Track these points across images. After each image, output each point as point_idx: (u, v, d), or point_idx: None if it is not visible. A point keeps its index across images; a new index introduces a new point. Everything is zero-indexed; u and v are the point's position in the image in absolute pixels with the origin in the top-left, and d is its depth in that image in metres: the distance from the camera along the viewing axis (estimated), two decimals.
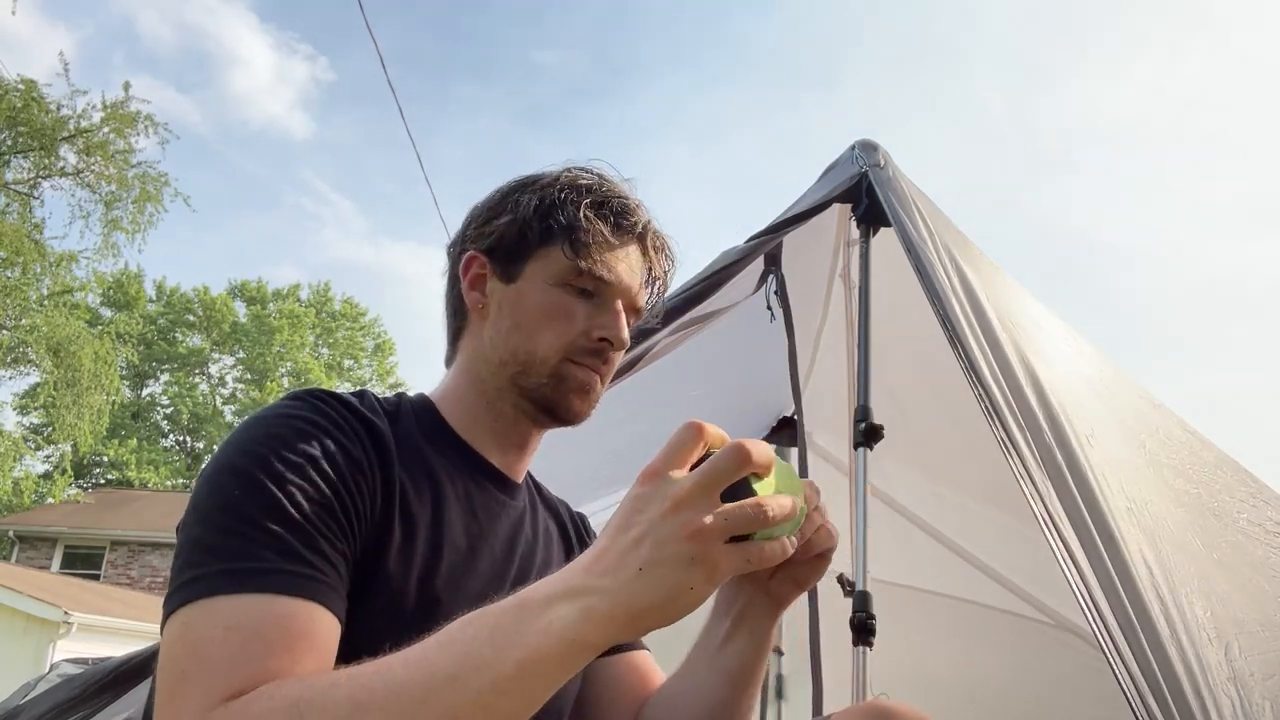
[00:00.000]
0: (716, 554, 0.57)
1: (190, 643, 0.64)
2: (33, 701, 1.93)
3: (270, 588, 0.66)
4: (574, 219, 0.91)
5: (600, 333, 0.92)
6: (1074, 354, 1.81)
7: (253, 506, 0.70)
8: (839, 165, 2.00)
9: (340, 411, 0.82)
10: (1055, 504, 1.20)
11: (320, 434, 0.77)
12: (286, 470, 0.72)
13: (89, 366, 15.72)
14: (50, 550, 18.04)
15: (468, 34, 40.75)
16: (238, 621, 0.64)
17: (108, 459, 26.11)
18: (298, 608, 0.66)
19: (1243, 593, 1.28)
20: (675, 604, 0.57)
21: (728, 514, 0.57)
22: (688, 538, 0.56)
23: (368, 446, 0.81)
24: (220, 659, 0.62)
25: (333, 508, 0.74)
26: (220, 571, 0.66)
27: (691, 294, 1.92)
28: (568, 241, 0.90)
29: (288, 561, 0.68)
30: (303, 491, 0.72)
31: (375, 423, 0.84)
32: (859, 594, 1.75)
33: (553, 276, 0.92)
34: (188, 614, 0.65)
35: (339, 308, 30.75)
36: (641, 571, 0.57)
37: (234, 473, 0.72)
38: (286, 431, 0.76)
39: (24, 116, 14.38)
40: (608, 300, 0.93)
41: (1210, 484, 1.61)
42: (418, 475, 0.85)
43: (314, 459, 0.75)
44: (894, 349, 2.12)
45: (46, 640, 10.35)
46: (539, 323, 0.91)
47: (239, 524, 0.69)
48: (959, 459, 2.54)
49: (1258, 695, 1.04)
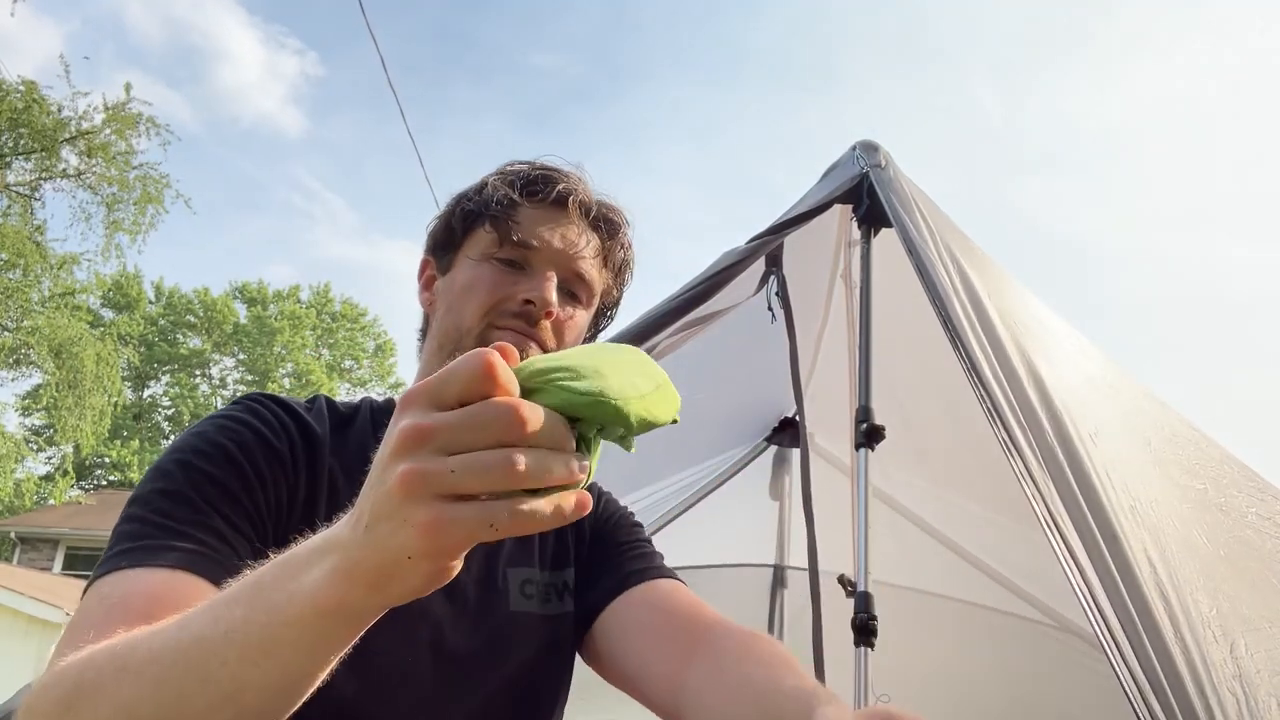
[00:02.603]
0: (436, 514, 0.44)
1: (76, 614, 0.68)
2: None
3: (146, 561, 0.69)
4: (489, 196, 0.93)
5: (524, 294, 0.89)
6: (1077, 353, 1.80)
7: (156, 493, 0.74)
8: (840, 166, 2.00)
9: (273, 410, 0.85)
10: (1057, 504, 1.20)
11: (242, 428, 0.81)
12: (194, 458, 0.77)
13: (91, 368, 15.74)
14: (52, 552, 18.05)
15: (465, 35, 40.81)
16: (109, 591, 0.67)
17: (109, 460, 26.14)
18: (169, 578, 0.68)
19: (1251, 589, 1.27)
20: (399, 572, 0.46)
21: (457, 464, 0.43)
22: (396, 488, 0.44)
23: (296, 442, 0.84)
24: (86, 625, 0.64)
25: (234, 491, 0.77)
26: (115, 554, 0.71)
27: (693, 295, 1.91)
28: (487, 218, 0.93)
29: (170, 538, 0.71)
30: (206, 475, 0.76)
31: (309, 424, 0.87)
32: (860, 595, 1.75)
33: (477, 253, 0.93)
34: (89, 590, 0.70)
35: (339, 308, 30.77)
36: (367, 527, 0.46)
37: (158, 468, 0.78)
38: (210, 428, 0.81)
39: (25, 118, 14.40)
40: (538, 269, 0.92)
41: (1217, 480, 1.61)
42: (355, 474, 0.85)
43: (224, 448, 0.78)
44: (895, 349, 2.12)
45: (48, 641, 10.35)
46: (463, 297, 0.92)
47: (139, 509, 0.74)
48: (961, 460, 2.53)
49: (1264, 692, 1.03)
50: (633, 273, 1.03)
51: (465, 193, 0.97)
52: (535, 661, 0.92)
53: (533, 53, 41.57)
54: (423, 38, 39.68)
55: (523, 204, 0.93)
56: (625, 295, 1.05)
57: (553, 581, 0.97)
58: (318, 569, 0.49)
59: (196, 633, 0.53)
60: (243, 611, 0.51)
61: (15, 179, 15.09)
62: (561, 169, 0.97)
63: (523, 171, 0.96)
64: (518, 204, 0.92)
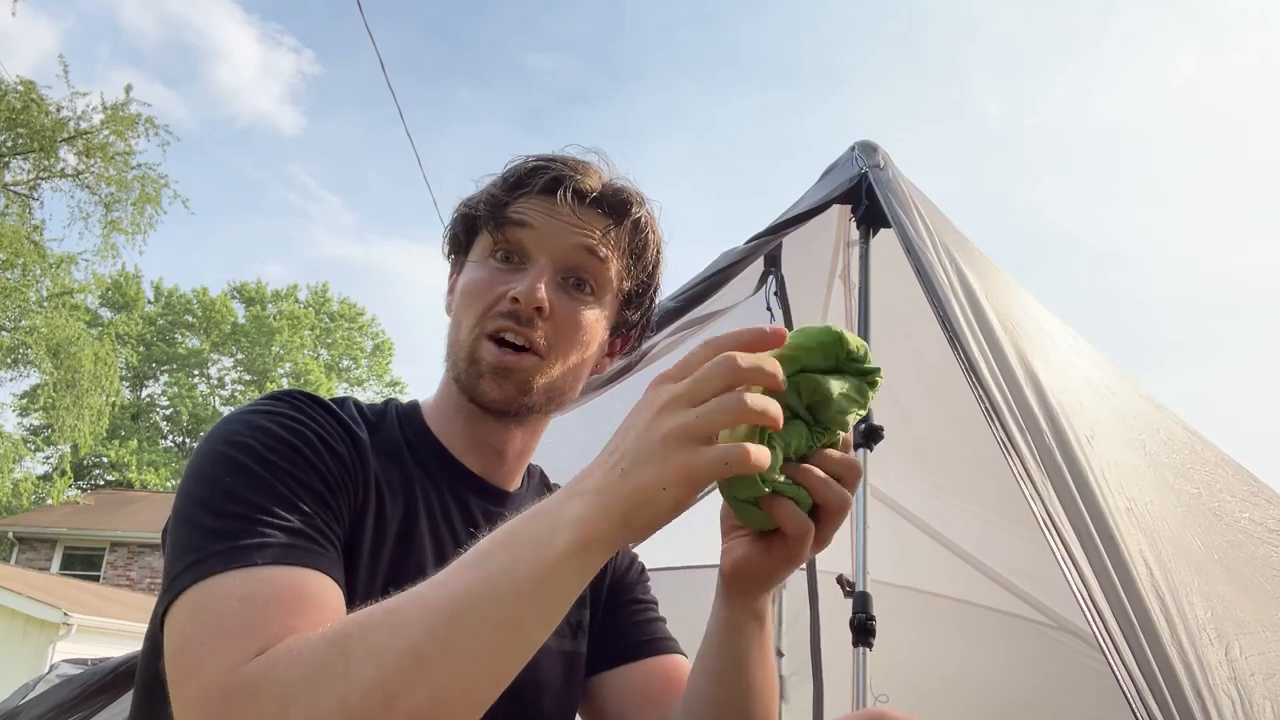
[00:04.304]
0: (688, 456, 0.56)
1: (204, 619, 0.61)
2: (32, 702, 1.93)
3: (279, 559, 0.64)
4: (487, 195, 0.90)
5: (511, 291, 0.84)
6: (1074, 354, 1.80)
7: (246, 489, 0.68)
8: (839, 166, 2.00)
9: (320, 412, 0.81)
10: (1055, 504, 1.20)
11: (304, 428, 0.76)
12: (275, 457, 0.71)
13: (89, 368, 15.73)
14: (50, 551, 18.02)
15: (462, 36, 40.79)
16: (251, 590, 0.61)
17: (108, 460, 26.09)
18: (308, 577, 0.65)
19: (1244, 593, 1.27)
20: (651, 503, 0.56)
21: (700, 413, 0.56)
22: (660, 439, 0.56)
23: (349, 446, 0.80)
24: (240, 626, 0.59)
25: (322, 494, 0.73)
26: (223, 551, 0.64)
27: (692, 295, 1.92)
28: (489, 219, 0.89)
29: (290, 536, 0.66)
30: (294, 477, 0.71)
31: (354, 428, 0.83)
32: (859, 595, 1.75)
33: (478, 255, 0.90)
34: (195, 595, 0.62)
35: (337, 308, 30.75)
36: (624, 472, 0.57)
37: (223, 461, 0.71)
38: (271, 424, 0.74)
39: (24, 118, 14.39)
40: (534, 260, 0.87)
41: (1211, 483, 1.61)
42: (394, 483, 0.84)
43: (299, 449, 0.74)
44: (894, 350, 2.12)
45: (46, 641, 10.35)
46: (461, 305, 0.88)
47: (235, 506, 0.67)
48: (959, 460, 2.54)
49: (1258, 695, 1.03)
50: (661, 254, 0.96)
51: (472, 195, 0.94)
52: (550, 695, 0.92)
53: (531, 53, 41.58)
54: (421, 37, 39.69)
55: (511, 198, 0.88)
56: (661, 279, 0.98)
57: (569, 619, 0.95)
58: (573, 509, 0.57)
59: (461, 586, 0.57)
60: (506, 556, 0.57)
61: (13, 178, 15.09)
62: (559, 158, 0.90)
63: (516, 166, 0.91)
64: (506, 199, 0.88)
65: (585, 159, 0.91)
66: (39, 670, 4.06)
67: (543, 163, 0.89)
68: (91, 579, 16.70)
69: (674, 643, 1.01)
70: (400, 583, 0.75)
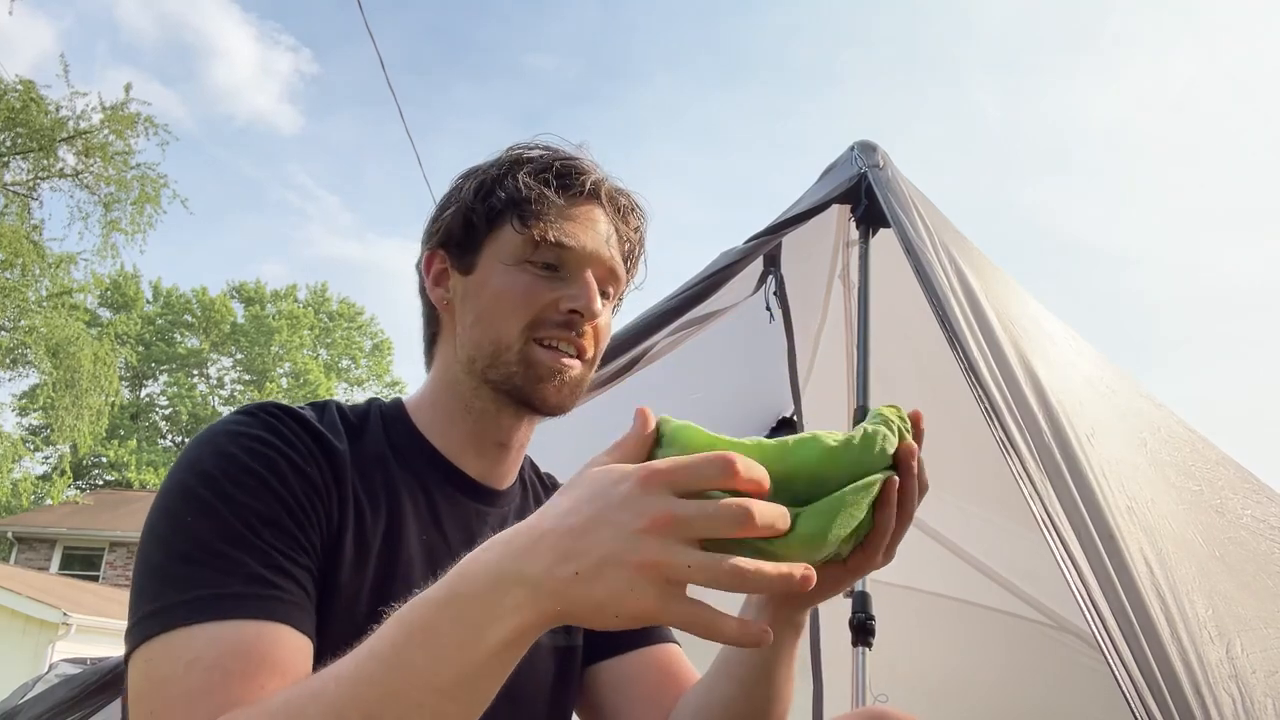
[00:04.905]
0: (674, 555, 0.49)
1: (154, 681, 0.63)
2: (31, 701, 1.93)
3: (229, 613, 0.65)
4: (515, 190, 0.86)
5: (569, 304, 0.85)
6: (1074, 353, 1.80)
7: (206, 530, 0.68)
8: (838, 166, 2.00)
9: (294, 429, 0.78)
10: (1054, 504, 1.20)
11: (272, 452, 0.74)
12: (237, 491, 0.71)
13: (88, 368, 15.72)
14: (49, 551, 18.01)
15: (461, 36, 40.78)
16: (197, 654, 0.63)
17: (107, 460, 26.09)
18: (258, 631, 0.65)
19: (1246, 590, 1.27)
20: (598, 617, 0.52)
21: (702, 505, 0.49)
22: (644, 529, 0.50)
23: (323, 466, 0.78)
24: (181, 696, 0.61)
25: (287, 526, 0.72)
26: (177, 603, 0.65)
27: (691, 294, 1.91)
28: (515, 216, 0.85)
29: (245, 584, 0.66)
30: (255, 512, 0.70)
31: (332, 442, 0.81)
32: (858, 595, 1.75)
33: (509, 256, 0.86)
34: (149, 650, 0.64)
35: (336, 307, 30.74)
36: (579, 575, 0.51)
37: (185, 496, 0.71)
38: (237, 449, 0.73)
39: (23, 117, 14.37)
40: (575, 270, 0.86)
41: (1213, 481, 1.61)
42: (376, 493, 0.83)
43: (264, 478, 0.72)
44: (893, 349, 2.12)
45: (45, 641, 10.35)
46: (500, 307, 0.85)
47: (194, 549, 0.67)
48: (958, 459, 2.53)
49: (1260, 693, 1.03)
50: (644, 259, 0.98)
51: (481, 181, 0.89)
52: (545, 694, 0.91)
53: (530, 53, 41.57)
54: (420, 36, 39.68)
55: (555, 200, 0.86)
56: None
57: None
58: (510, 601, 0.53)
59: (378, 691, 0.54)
60: (425, 655, 0.54)
61: (12, 178, 15.08)
62: (578, 156, 0.90)
63: (542, 161, 0.88)
64: (550, 200, 0.85)
65: (579, 154, 0.91)
66: (38, 670, 4.05)
67: (572, 161, 0.89)
68: (91, 579, 16.69)
69: (668, 630, 1.00)
70: (386, 595, 0.77)
